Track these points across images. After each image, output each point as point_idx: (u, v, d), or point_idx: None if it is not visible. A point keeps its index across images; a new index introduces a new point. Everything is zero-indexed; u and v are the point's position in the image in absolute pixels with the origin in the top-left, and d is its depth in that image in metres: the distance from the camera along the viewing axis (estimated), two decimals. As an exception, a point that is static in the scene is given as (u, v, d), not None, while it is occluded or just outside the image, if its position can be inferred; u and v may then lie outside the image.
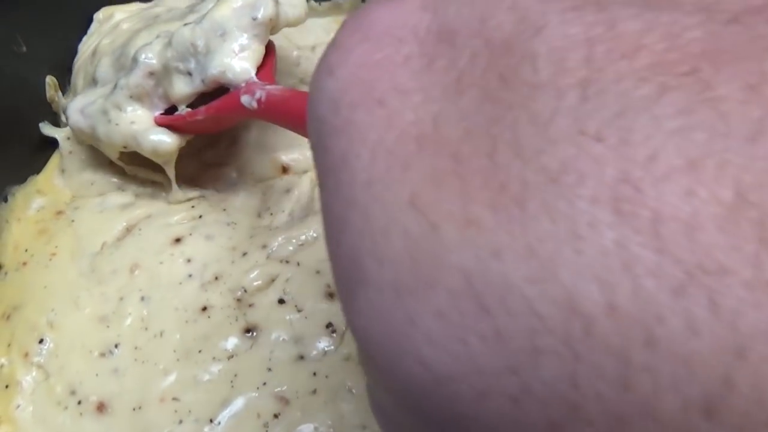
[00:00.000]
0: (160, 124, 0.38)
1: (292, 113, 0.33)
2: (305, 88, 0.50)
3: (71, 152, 0.43)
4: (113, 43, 0.42)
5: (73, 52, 0.45)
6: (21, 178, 0.42)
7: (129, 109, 0.37)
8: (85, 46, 0.45)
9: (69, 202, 0.42)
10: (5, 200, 0.40)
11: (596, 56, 0.10)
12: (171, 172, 0.39)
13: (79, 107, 0.39)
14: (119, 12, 0.46)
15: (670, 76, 0.09)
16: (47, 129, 0.44)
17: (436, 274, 0.10)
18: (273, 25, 0.37)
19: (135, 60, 0.37)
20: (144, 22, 0.44)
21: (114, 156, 0.40)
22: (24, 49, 0.41)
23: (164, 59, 0.36)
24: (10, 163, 0.42)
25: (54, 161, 0.44)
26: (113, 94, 0.37)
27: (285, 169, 0.43)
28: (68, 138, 0.43)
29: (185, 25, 0.37)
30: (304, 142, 0.44)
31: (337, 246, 0.12)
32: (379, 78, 0.12)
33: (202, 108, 0.37)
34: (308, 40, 0.53)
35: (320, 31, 0.54)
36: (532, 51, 0.10)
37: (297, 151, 0.43)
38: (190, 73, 0.36)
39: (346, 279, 0.12)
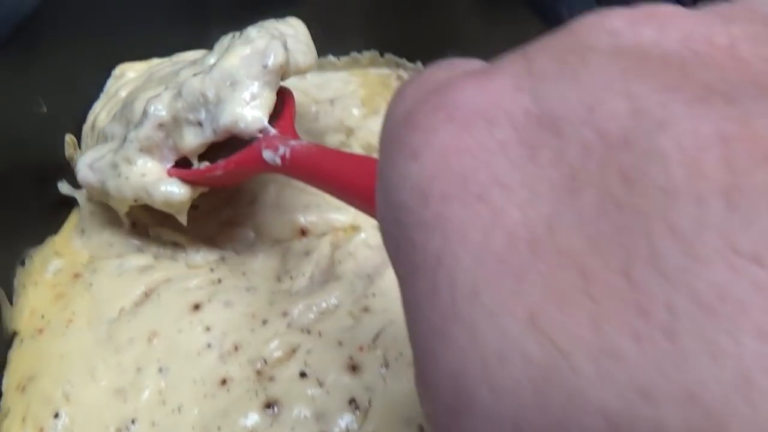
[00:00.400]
0: (175, 176, 0.38)
1: (319, 171, 0.33)
2: (326, 143, 0.49)
3: (92, 212, 0.43)
4: (109, 114, 0.42)
5: (94, 112, 0.45)
6: (39, 240, 0.42)
7: (139, 162, 0.37)
8: (95, 109, 0.44)
9: (87, 264, 0.41)
10: (23, 264, 0.40)
11: (736, 158, 0.09)
12: (183, 219, 0.39)
13: (88, 162, 0.38)
14: (131, 71, 0.45)
15: None
16: (66, 188, 0.43)
17: (569, 412, 0.09)
18: (283, 72, 0.37)
19: (144, 112, 0.36)
20: (141, 82, 0.44)
21: (123, 210, 0.39)
22: (44, 109, 0.41)
23: (174, 110, 0.36)
24: (28, 225, 0.41)
25: (72, 221, 0.43)
26: (123, 147, 0.37)
27: (303, 232, 0.42)
28: (89, 199, 0.43)
29: (194, 75, 0.36)
30: (323, 203, 0.43)
31: (433, 362, 0.10)
32: (474, 167, 0.11)
33: (221, 162, 0.37)
34: (326, 93, 0.53)
35: (338, 83, 0.54)
36: (660, 149, 0.09)
37: (315, 213, 0.42)
38: (200, 124, 0.36)
39: (446, 402, 0.10)
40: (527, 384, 0.09)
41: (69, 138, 0.44)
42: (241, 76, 0.35)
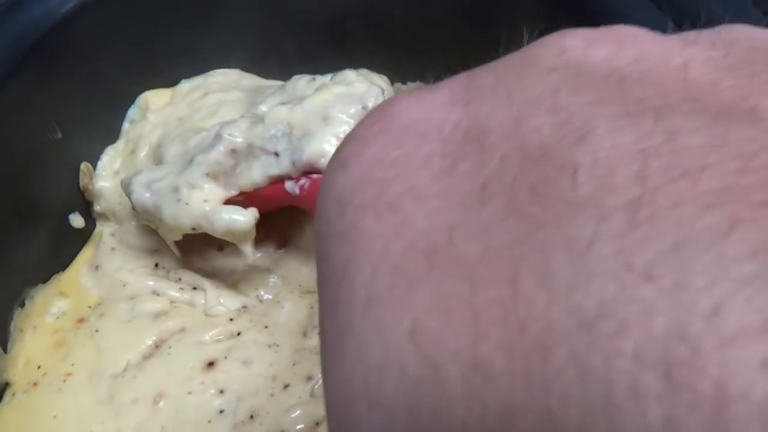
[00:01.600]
0: None
1: None
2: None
3: (114, 249, 0.39)
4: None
5: (109, 139, 0.41)
6: (43, 277, 0.38)
7: (205, 187, 0.33)
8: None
9: (94, 306, 0.37)
10: (22, 305, 0.36)
11: (650, 172, 0.08)
12: (248, 249, 0.35)
13: (145, 182, 0.34)
14: (156, 100, 0.42)
15: (743, 205, 0.08)
16: (77, 221, 0.39)
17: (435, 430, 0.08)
18: None
19: (218, 136, 0.34)
20: (197, 98, 0.41)
21: (175, 237, 0.35)
22: (59, 135, 0.38)
23: (250, 137, 0.33)
24: (32, 260, 0.37)
25: (83, 257, 0.40)
26: (188, 169, 0.34)
27: (336, 282, 0.38)
28: (113, 234, 0.39)
29: (282, 104, 0.34)
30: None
31: (329, 378, 0.10)
32: (393, 178, 0.11)
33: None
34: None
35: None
36: (573, 161, 0.09)
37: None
38: (277, 154, 0.32)
39: (335, 415, 0.10)
40: (400, 400, 0.09)
41: (84, 166, 0.40)
42: (335, 113, 0.33)
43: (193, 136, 0.37)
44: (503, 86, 0.11)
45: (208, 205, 0.33)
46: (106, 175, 0.40)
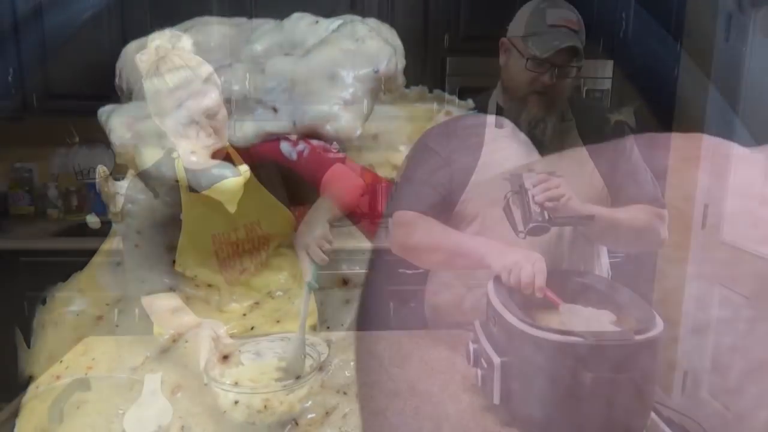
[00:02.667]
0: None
1: (333, 180, 0.30)
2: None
3: (137, 246, 0.40)
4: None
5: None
6: (63, 276, 0.39)
7: (192, 136, 0.31)
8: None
9: (113, 303, 0.39)
10: (43, 302, 0.37)
11: None
12: (232, 207, 0.34)
13: (128, 121, 0.33)
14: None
15: None
16: (94, 222, 0.41)
17: None
18: (387, 87, 0.33)
19: (211, 82, 0.32)
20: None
21: (156, 187, 0.34)
22: (77, 139, 0.39)
23: (247, 88, 0.32)
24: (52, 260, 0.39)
25: (100, 256, 0.41)
26: (176, 113, 0.31)
27: (345, 282, 0.39)
28: (139, 232, 0.41)
29: (286, 55, 0.32)
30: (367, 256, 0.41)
31: None
32: None
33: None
34: (370, 128, 0.50)
35: (384, 119, 0.51)
36: None
37: (358, 265, 0.40)
38: (276, 109, 0.32)
39: None
40: None
41: (101, 169, 0.41)
42: (343, 74, 0.32)
43: (174, 71, 0.32)
44: None
45: (195, 157, 0.31)
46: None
